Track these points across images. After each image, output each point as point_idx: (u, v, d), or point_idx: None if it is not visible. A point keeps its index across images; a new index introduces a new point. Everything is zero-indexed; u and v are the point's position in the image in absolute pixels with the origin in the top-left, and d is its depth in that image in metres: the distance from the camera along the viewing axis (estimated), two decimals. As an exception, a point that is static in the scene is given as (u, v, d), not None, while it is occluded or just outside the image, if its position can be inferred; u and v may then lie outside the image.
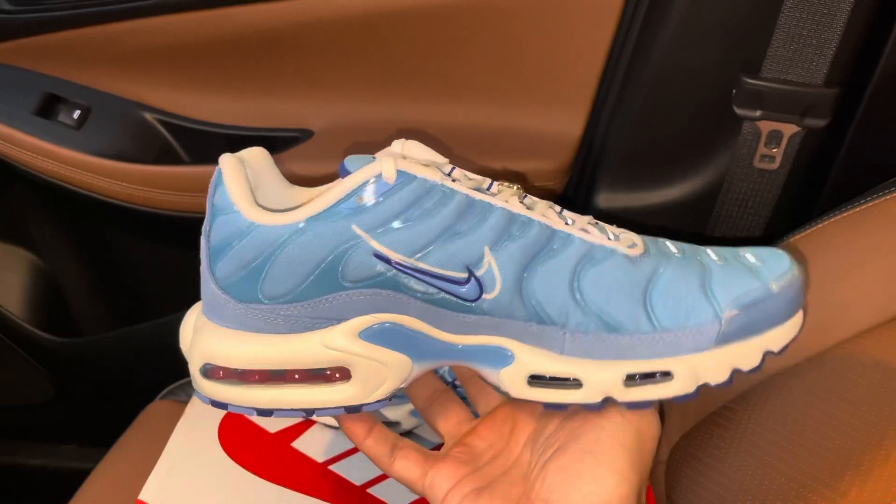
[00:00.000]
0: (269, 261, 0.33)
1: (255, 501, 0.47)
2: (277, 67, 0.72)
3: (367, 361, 0.34)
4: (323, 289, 0.33)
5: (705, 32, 0.62)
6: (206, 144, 0.75)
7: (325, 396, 0.34)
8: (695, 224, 0.70)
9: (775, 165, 0.64)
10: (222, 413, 0.52)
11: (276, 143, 0.73)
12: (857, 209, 0.53)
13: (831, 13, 0.56)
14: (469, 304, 0.33)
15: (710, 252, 0.36)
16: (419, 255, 0.32)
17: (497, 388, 0.35)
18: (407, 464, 0.38)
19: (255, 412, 0.34)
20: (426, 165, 0.33)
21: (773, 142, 0.63)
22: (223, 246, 0.33)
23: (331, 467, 0.50)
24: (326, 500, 0.48)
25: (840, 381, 0.47)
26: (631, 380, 0.33)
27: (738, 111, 0.62)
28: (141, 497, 0.46)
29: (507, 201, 0.33)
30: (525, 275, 0.33)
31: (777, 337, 0.34)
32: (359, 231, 0.32)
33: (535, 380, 0.34)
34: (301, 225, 0.32)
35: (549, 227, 0.33)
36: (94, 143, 0.72)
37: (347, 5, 0.66)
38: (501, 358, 0.34)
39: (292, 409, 0.34)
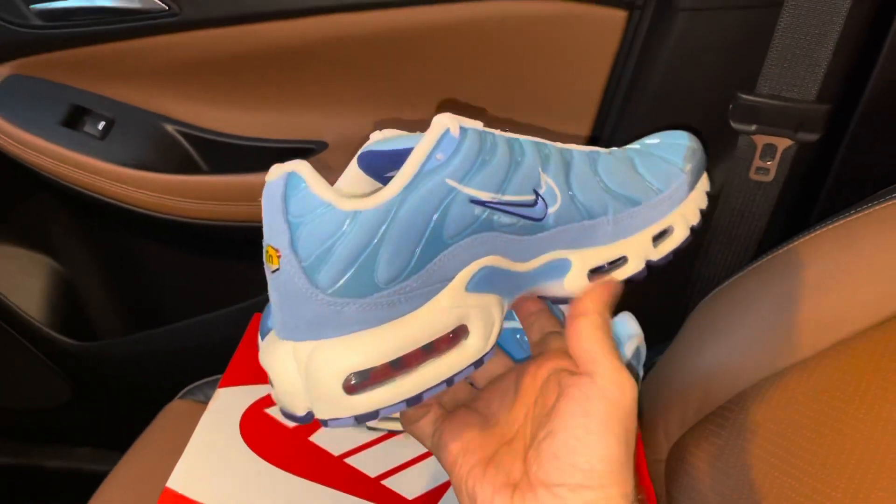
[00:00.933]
0: (381, 244, 0.31)
1: (276, 490, 0.49)
2: (294, 82, 0.73)
3: (479, 310, 0.34)
4: (432, 253, 0.32)
5: (703, 51, 0.63)
6: (224, 155, 0.76)
7: (459, 359, 0.33)
8: (694, 232, 0.71)
9: (770, 177, 0.65)
10: (244, 409, 0.54)
11: (292, 154, 0.75)
12: (849, 219, 0.53)
13: (822, 33, 0.57)
14: (540, 222, 0.36)
15: (623, 148, 0.43)
16: (501, 189, 0.34)
17: (563, 299, 0.39)
18: (421, 422, 0.39)
19: (405, 405, 0.32)
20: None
21: (767, 155, 0.64)
22: (323, 251, 0.31)
23: (346, 460, 0.52)
24: (342, 491, 0.50)
25: (832, 383, 0.48)
26: (656, 240, 0.40)
27: (735, 125, 0.63)
28: (169, 484, 0.48)
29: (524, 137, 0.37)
30: (567, 183, 0.37)
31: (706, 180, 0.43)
32: (453, 183, 0.32)
33: (594, 273, 0.38)
34: (399, 196, 0.32)
35: (558, 148, 0.38)
36: (117, 153, 0.74)
37: (361, 23, 0.68)
38: (563, 267, 0.37)
39: (436, 385, 0.33)
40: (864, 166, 0.67)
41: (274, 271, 0.31)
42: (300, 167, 0.32)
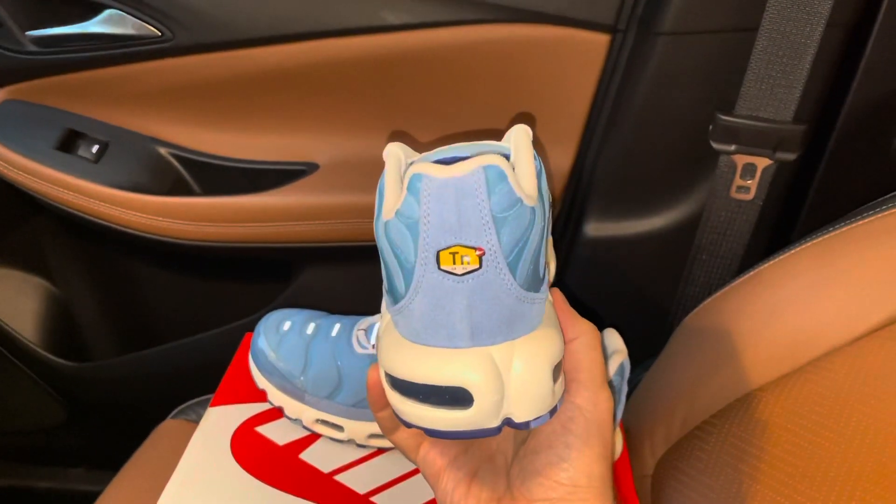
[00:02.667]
0: (543, 240, 0.31)
1: (267, 509, 0.49)
2: (285, 105, 0.74)
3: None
4: None
5: (683, 74, 0.64)
6: (216, 177, 0.77)
7: None
8: (678, 250, 0.71)
9: (750, 196, 0.65)
10: (234, 427, 0.54)
11: (284, 176, 0.75)
12: (827, 236, 0.54)
13: (798, 55, 0.59)
14: None
15: None
16: None
17: None
18: (406, 435, 0.39)
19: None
20: None
21: (747, 174, 0.65)
22: (519, 248, 0.30)
23: (336, 477, 0.52)
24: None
25: (812, 397, 0.49)
26: None
27: (715, 146, 0.64)
28: (160, 503, 0.49)
29: None
30: None
31: None
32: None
33: None
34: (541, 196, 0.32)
35: None
36: (111, 176, 0.74)
37: (351, 48, 0.68)
38: None
39: None
40: (843, 184, 0.68)
41: (469, 272, 0.29)
42: (500, 161, 0.30)
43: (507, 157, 0.33)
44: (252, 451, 0.53)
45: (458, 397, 0.30)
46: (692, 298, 0.72)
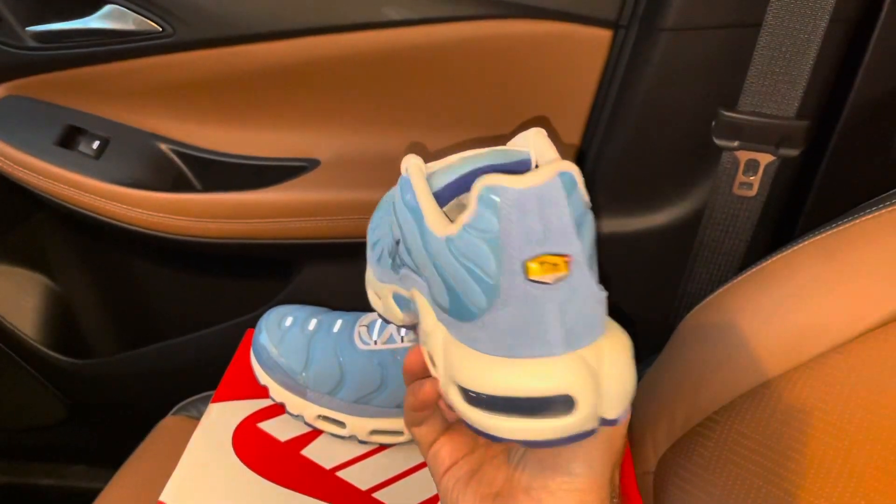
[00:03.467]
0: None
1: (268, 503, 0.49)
2: (286, 101, 0.74)
3: None
4: None
5: (686, 70, 0.64)
6: (217, 173, 0.77)
7: None
8: (680, 247, 0.71)
9: (753, 192, 0.65)
10: (236, 423, 0.54)
11: (285, 172, 0.75)
12: (830, 232, 0.54)
13: (801, 51, 0.58)
14: None
15: None
16: None
17: None
18: (426, 430, 0.40)
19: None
20: None
21: (750, 170, 0.64)
22: (593, 250, 0.30)
23: (338, 473, 0.52)
24: (334, 504, 0.50)
25: (815, 393, 0.49)
26: None
27: (718, 142, 0.64)
28: (161, 498, 0.49)
29: None
30: None
31: None
32: None
33: None
34: None
35: None
36: (112, 172, 0.74)
37: (352, 44, 0.68)
38: None
39: None
40: (846, 180, 0.68)
41: (560, 279, 0.29)
42: (572, 167, 0.30)
43: (528, 162, 0.34)
44: (254, 448, 0.53)
45: (560, 405, 0.30)
46: (695, 295, 0.72)
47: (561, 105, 0.71)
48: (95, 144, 0.75)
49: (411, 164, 0.34)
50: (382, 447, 0.55)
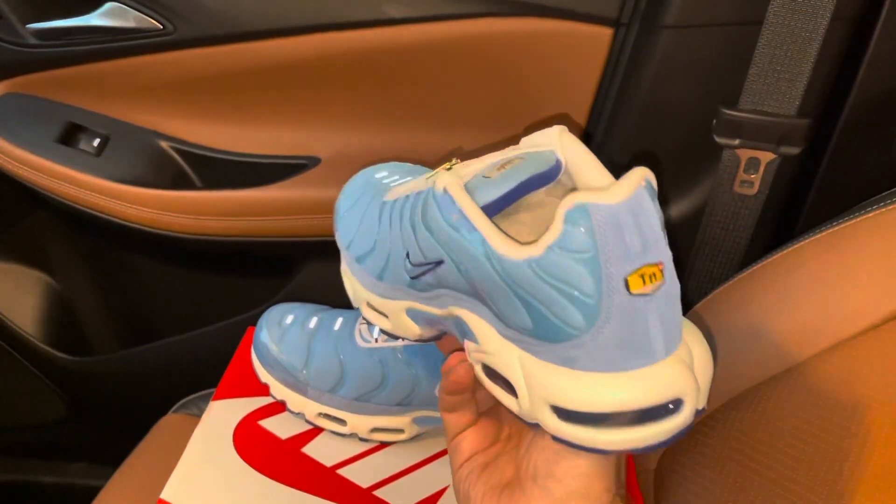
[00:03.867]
0: None
1: (269, 502, 0.49)
2: (287, 99, 0.74)
3: None
4: None
5: (687, 68, 0.64)
6: (218, 171, 0.77)
7: None
8: (681, 245, 0.71)
9: (754, 190, 0.65)
10: (237, 421, 0.54)
11: (285, 169, 0.75)
12: (830, 230, 0.54)
13: (802, 49, 0.58)
14: None
15: None
16: None
17: None
18: (457, 419, 0.40)
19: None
20: None
21: (751, 168, 0.64)
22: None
23: (339, 471, 0.52)
24: (335, 502, 0.50)
25: (816, 391, 0.49)
26: None
27: (718, 140, 0.64)
28: (162, 496, 0.48)
29: None
30: None
31: None
32: None
33: None
34: None
35: None
36: (112, 170, 0.74)
37: (354, 41, 0.68)
38: None
39: None
40: (846, 178, 0.68)
41: (658, 287, 0.29)
42: (648, 172, 0.29)
43: (556, 161, 0.34)
44: (255, 445, 0.53)
45: (670, 408, 0.30)
46: (695, 293, 0.71)
47: (561, 103, 0.71)
48: (96, 142, 0.75)
49: (449, 182, 0.33)
50: (383, 445, 0.55)
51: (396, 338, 0.44)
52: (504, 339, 0.33)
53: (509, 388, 0.33)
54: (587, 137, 0.73)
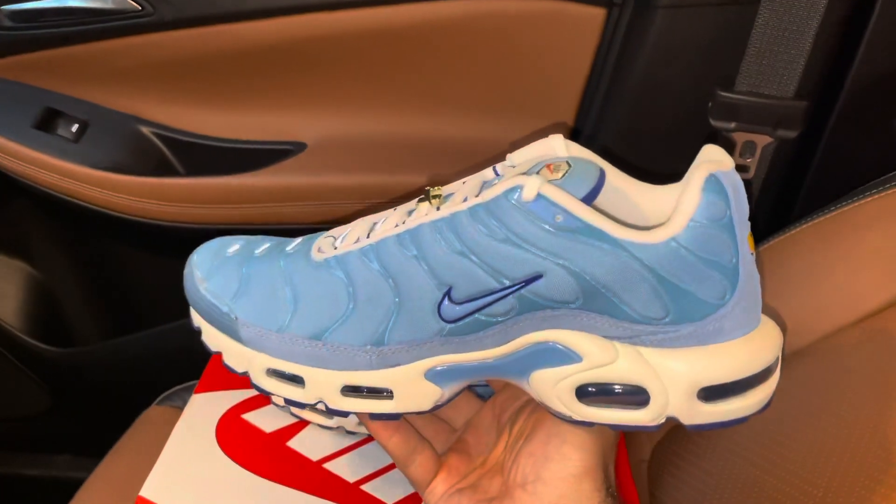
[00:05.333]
0: None
1: (253, 497, 0.48)
2: (272, 82, 0.73)
3: None
4: None
5: (682, 49, 0.63)
6: (201, 157, 0.76)
7: None
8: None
9: (750, 174, 0.65)
10: (219, 414, 0.53)
11: (270, 155, 0.74)
12: (828, 216, 0.54)
13: (800, 30, 0.57)
14: None
15: None
16: None
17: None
18: (420, 468, 0.40)
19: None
20: None
21: (747, 152, 0.64)
22: None
23: (325, 465, 0.51)
24: (321, 497, 0.49)
25: (812, 380, 0.48)
26: None
27: (714, 123, 0.63)
28: (142, 493, 0.47)
29: None
30: None
31: None
32: None
33: None
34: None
35: None
36: (91, 156, 0.73)
37: (339, 23, 0.67)
38: None
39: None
40: (843, 163, 0.67)
41: (753, 254, 0.32)
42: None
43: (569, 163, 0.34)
44: (238, 439, 0.52)
45: (777, 363, 0.34)
46: (689, 280, 0.71)
47: (554, 85, 0.70)
48: (74, 127, 0.74)
49: (541, 186, 0.31)
50: (371, 437, 0.54)
51: (398, 415, 0.37)
52: (619, 343, 0.32)
53: (631, 398, 0.32)
54: (580, 119, 0.72)
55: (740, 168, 0.65)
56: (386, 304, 0.34)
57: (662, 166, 0.69)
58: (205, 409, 0.53)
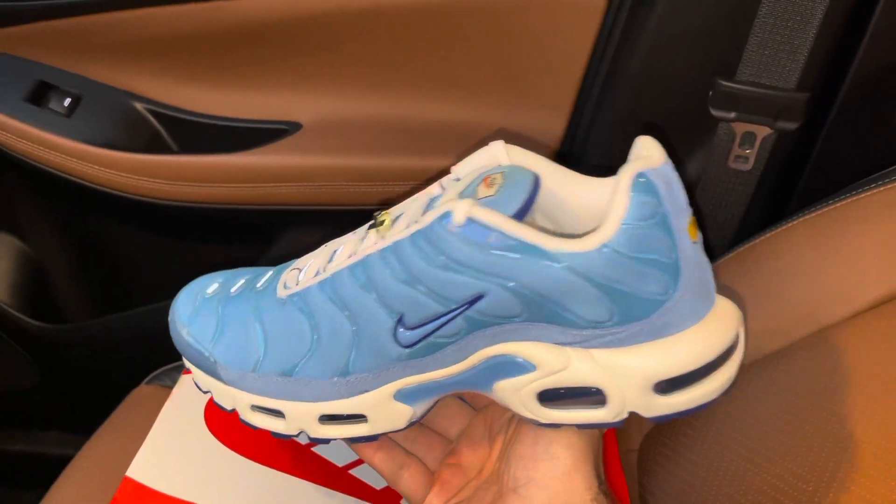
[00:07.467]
0: None
1: (240, 480, 0.48)
2: (268, 60, 0.72)
3: None
4: None
5: (683, 36, 0.62)
6: (195, 135, 0.75)
7: None
8: None
9: (749, 166, 0.64)
10: (208, 396, 0.53)
11: (265, 135, 0.74)
12: (825, 210, 0.54)
13: (804, 20, 0.57)
14: None
15: None
16: None
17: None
18: (410, 481, 0.40)
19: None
20: None
21: (746, 143, 0.63)
22: None
23: (314, 449, 0.51)
24: (308, 480, 0.49)
25: (806, 374, 0.48)
26: None
27: (714, 113, 0.63)
28: (128, 474, 0.47)
29: None
30: None
31: None
32: None
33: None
34: None
35: None
36: (83, 131, 0.72)
37: (340, 2, 0.67)
38: None
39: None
40: (843, 156, 0.67)
41: (699, 234, 0.32)
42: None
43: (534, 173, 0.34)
44: (226, 420, 0.51)
45: (736, 345, 0.33)
46: (683, 271, 0.71)
47: (552, 72, 0.70)
48: (67, 102, 0.73)
49: (469, 209, 0.31)
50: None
51: (376, 437, 0.38)
52: (571, 349, 0.32)
53: (590, 399, 0.33)
54: (579, 106, 0.71)
55: (739, 159, 0.64)
56: (346, 336, 0.35)
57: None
58: (194, 389, 0.53)
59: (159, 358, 0.70)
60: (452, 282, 0.32)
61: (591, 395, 0.33)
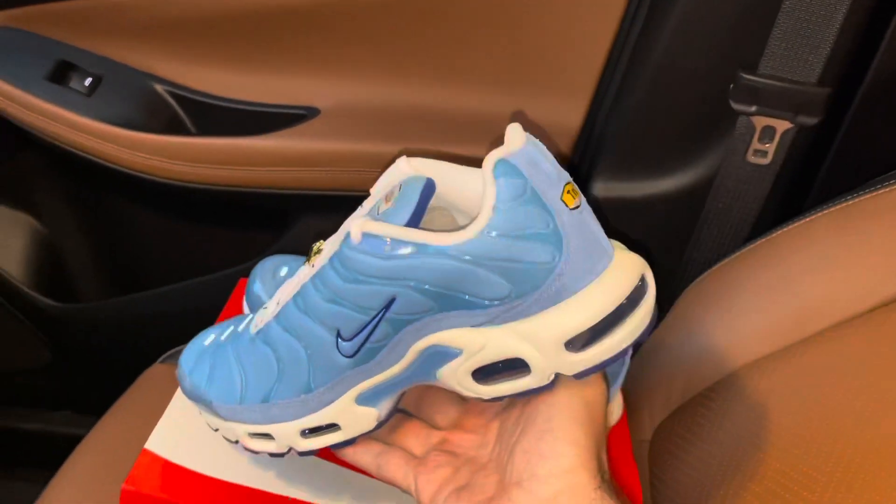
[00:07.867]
0: None
1: (258, 456, 0.48)
2: (288, 45, 0.72)
3: None
4: None
5: (706, 28, 0.62)
6: (213, 117, 0.75)
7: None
8: (688, 214, 0.70)
9: (767, 160, 0.64)
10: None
11: (283, 119, 0.74)
12: (842, 206, 0.54)
13: (828, 14, 0.57)
14: None
15: None
16: None
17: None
18: (391, 469, 0.41)
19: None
20: None
21: (766, 137, 0.63)
22: None
23: None
24: (320, 456, 0.49)
25: (818, 369, 0.48)
26: None
27: (734, 106, 0.63)
28: (147, 446, 0.47)
29: None
30: None
31: None
32: None
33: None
34: None
35: None
36: (103, 111, 0.72)
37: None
38: None
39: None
40: (862, 152, 0.67)
41: (582, 200, 0.34)
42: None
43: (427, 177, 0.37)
44: None
45: (642, 284, 0.35)
46: (700, 264, 0.71)
47: (573, 61, 0.70)
48: (88, 81, 0.73)
49: (361, 224, 0.35)
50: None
51: (353, 440, 0.41)
52: (486, 328, 0.35)
53: (516, 367, 0.35)
54: (598, 98, 0.71)
55: (758, 153, 0.64)
56: (302, 358, 0.39)
57: (679, 148, 0.69)
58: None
59: (173, 339, 0.70)
60: (366, 292, 0.35)
61: (516, 367, 0.35)
